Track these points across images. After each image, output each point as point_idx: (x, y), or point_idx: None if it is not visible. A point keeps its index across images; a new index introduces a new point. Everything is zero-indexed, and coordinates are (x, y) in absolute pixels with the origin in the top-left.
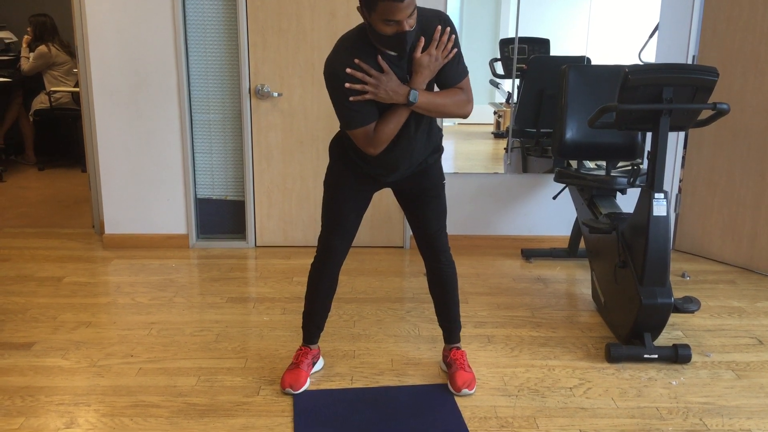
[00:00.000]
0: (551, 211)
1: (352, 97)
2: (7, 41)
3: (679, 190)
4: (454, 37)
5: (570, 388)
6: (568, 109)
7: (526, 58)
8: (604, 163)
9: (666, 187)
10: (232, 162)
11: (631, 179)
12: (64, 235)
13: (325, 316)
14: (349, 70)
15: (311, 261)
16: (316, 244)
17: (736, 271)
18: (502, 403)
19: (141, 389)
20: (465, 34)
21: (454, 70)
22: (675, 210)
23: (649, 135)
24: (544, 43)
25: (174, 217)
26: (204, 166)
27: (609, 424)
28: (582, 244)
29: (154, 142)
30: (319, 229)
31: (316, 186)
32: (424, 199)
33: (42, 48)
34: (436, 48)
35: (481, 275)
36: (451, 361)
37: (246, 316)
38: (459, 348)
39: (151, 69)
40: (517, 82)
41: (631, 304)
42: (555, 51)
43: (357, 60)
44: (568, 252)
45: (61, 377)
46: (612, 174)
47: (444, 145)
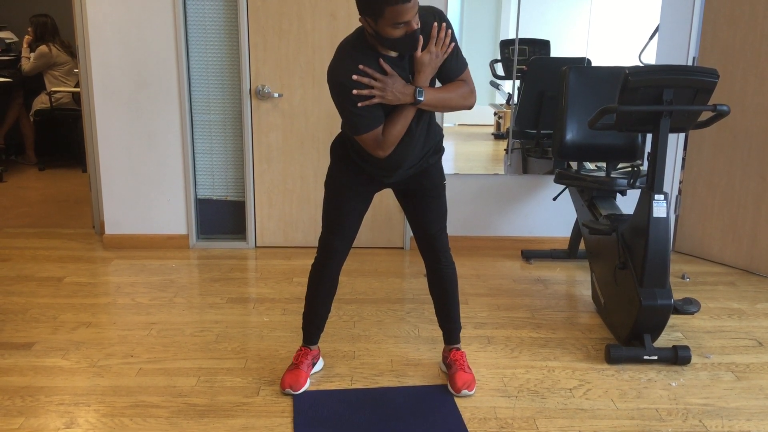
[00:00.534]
0: (551, 213)
1: (360, 103)
2: (7, 41)
3: (679, 191)
4: (450, 31)
5: (570, 390)
6: (568, 111)
7: (527, 59)
8: (604, 164)
9: (666, 188)
10: (232, 162)
11: (631, 181)
12: (64, 236)
13: (325, 317)
14: (355, 77)
15: (311, 262)
16: (316, 245)
17: (736, 273)
18: (501, 404)
19: (141, 389)
20: (465, 35)
21: (454, 64)
22: (675, 211)
23: (649, 136)
24: (545, 44)
25: (174, 217)
26: (204, 166)
27: (608, 426)
28: (582, 246)
29: (154, 143)
30: (319, 230)
31: (316, 187)
32: (425, 200)
33: (43, 48)
34: (435, 45)
35: (481, 276)
36: (451, 362)
37: (246, 316)
38: (459, 349)
39: (152, 69)
40: (517, 83)
41: (631, 306)
42: (555, 52)
43: (361, 66)
44: (568, 253)
45: (61, 377)
46: (612, 175)
47: (444, 146)
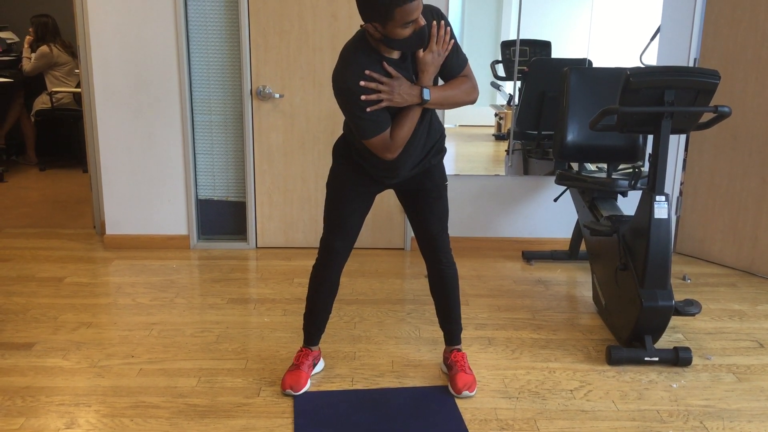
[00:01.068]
0: (552, 214)
1: (369, 108)
2: (8, 42)
3: (680, 192)
4: (449, 28)
5: (570, 391)
6: (569, 112)
7: (528, 60)
8: (605, 165)
9: (667, 189)
10: (233, 163)
11: (633, 182)
12: (65, 236)
13: (326, 318)
14: (362, 82)
15: (312, 262)
16: (317, 246)
17: (737, 274)
18: (502, 406)
19: (141, 390)
20: (466, 36)
21: (455, 61)
22: (676, 213)
23: (650, 138)
24: (546, 45)
25: (175, 217)
26: (205, 167)
27: (609, 427)
28: (583, 247)
29: (155, 143)
30: (320, 231)
31: (317, 187)
32: (427, 201)
33: (44, 48)
34: (437, 43)
35: (482, 277)
36: (451, 363)
37: (247, 317)
38: (460, 350)
39: (153, 70)
40: (518, 84)
41: (632, 307)
42: (556, 53)
43: (368, 71)
44: (569, 254)
45: (61, 378)
46: (613, 176)
47: (446, 147)
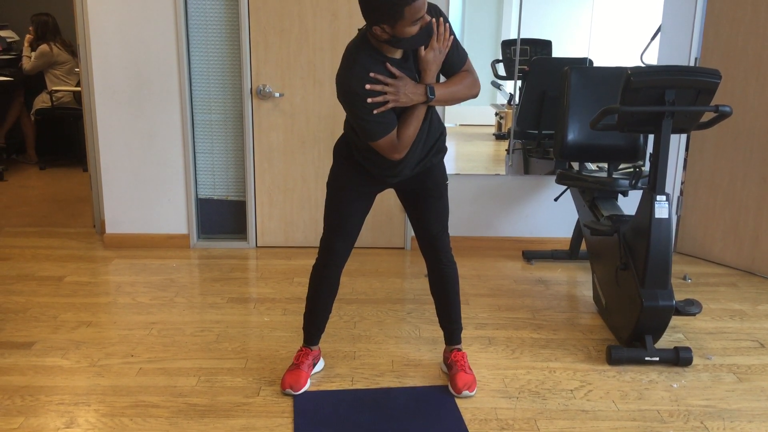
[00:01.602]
0: (553, 213)
1: (376, 111)
2: (8, 40)
3: (681, 192)
4: (448, 25)
5: (571, 391)
6: (569, 111)
7: (528, 59)
8: (605, 165)
9: (668, 189)
10: (233, 162)
11: (633, 181)
12: (64, 235)
13: (326, 317)
14: (368, 86)
15: (312, 262)
16: (317, 245)
17: (738, 274)
18: (502, 405)
19: (141, 389)
20: (467, 35)
21: (456, 56)
22: (677, 212)
23: (651, 137)
24: (546, 44)
25: (175, 217)
26: (205, 166)
27: (610, 427)
28: (583, 246)
29: (155, 142)
30: (320, 230)
31: (317, 187)
32: (427, 200)
33: (44, 47)
34: (437, 41)
35: (482, 277)
36: (451, 363)
37: (246, 316)
38: (460, 349)
39: (153, 69)
40: (518, 83)
41: (633, 307)
42: (557, 53)
43: (372, 74)
44: (570, 254)
45: (61, 377)
46: (614, 176)
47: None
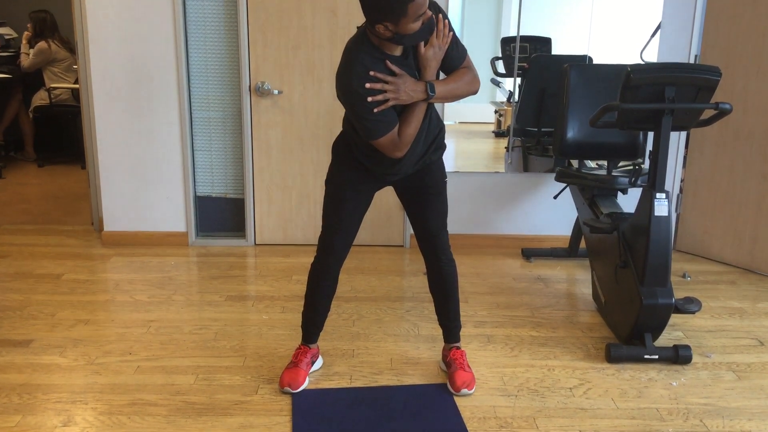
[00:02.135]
0: (552, 211)
1: (376, 109)
2: (7, 37)
3: (681, 190)
4: (447, 21)
5: (570, 389)
6: (569, 108)
7: (528, 56)
8: (605, 162)
9: (667, 186)
10: (231, 159)
11: (633, 179)
12: (63, 232)
13: (324, 315)
14: (368, 84)
15: (311, 259)
16: (315, 243)
17: (737, 272)
18: (501, 403)
19: (139, 387)
20: (466, 33)
21: (455, 53)
22: (676, 210)
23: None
24: (546, 41)
25: (173, 214)
26: (204, 163)
27: (609, 425)
28: (582, 244)
29: (153, 140)
30: (318, 228)
31: (316, 184)
32: (426, 197)
33: (42, 44)
34: (437, 38)
35: (482, 274)
36: (450, 361)
37: (245, 314)
38: (459, 347)
39: (151, 66)
40: (518, 80)
41: (632, 305)
42: (557, 50)
43: (372, 72)
44: (569, 252)
45: (58, 375)
46: (613, 174)
47: (446, 144)
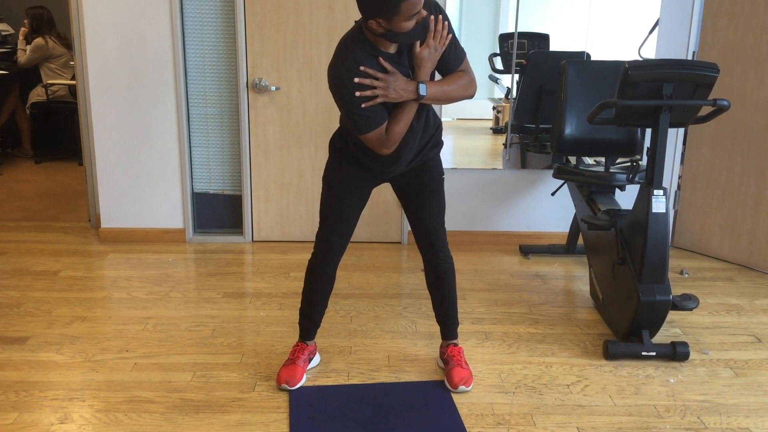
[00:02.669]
0: (550, 208)
1: (364, 104)
2: (3, 33)
3: (679, 186)
4: (447, 23)
5: (567, 386)
6: (567, 105)
7: (526, 53)
8: (603, 159)
9: (665, 183)
10: (229, 156)
11: (631, 176)
12: (60, 229)
13: (322, 312)
14: (357, 79)
15: (308, 256)
16: (313, 240)
17: (735, 269)
18: (499, 400)
19: (136, 384)
20: (464, 29)
21: (453, 55)
22: (674, 207)
23: (648, 131)
24: (544, 38)
25: (171, 211)
26: (201, 160)
27: (606, 422)
28: (580, 241)
29: (150, 136)
30: (316, 224)
31: (313, 181)
32: (424, 194)
33: (39, 40)
34: (434, 38)
35: (479, 271)
36: (448, 358)
37: (242, 311)
38: (456, 344)
39: (148, 62)
40: (516, 77)
41: (630, 301)
42: (555, 46)
43: (362, 67)
44: (567, 248)
45: (55, 372)
46: (611, 170)
47: (443, 140)
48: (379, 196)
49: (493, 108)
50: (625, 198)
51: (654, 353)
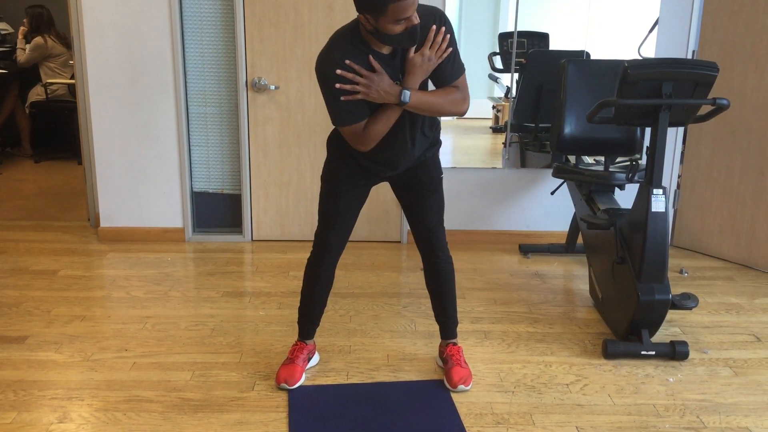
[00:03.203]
0: (549, 207)
1: (343, 97)
2: (3, 32)
3: (678, 185)
4: (449, 36)
5: (567, 385)
6: (566, 104)
7: (525, 52)
8: (602, 158)
9: (665, 182)
10: (228, 155)
11: (630, 175)
12: (59, 228)
13: (321, 311)
14: (339, 71)
15: (308, 255)
16: (312, 239)
17: (735, 268)
18: (498, 400)
19: (135, 384)
20: (464, 28)
21: (449, 69)
22: (673, 206)
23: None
24: (544, 37)
25: (170, 210)
26: (200, 159)
27: (606, 421)
28: (580, 240)
29: (150, 135)
30: (315, 223)
31: (313, 180)
32: (422, 194)
33: (38, 39)
34: (430, 48)
35: (479, 270)
36: (447, 357)
37: (241, 310)
38: (455, 343)
39: (148, 61)
40: (515, 76)
41: (629, 301)
42: (554, 45)
43: (348, 61)
44: (566, 248)
45: (54, 371)
46: (610, 169)
47: (442, 140)
48: (378, 195)
49: (493, 107)
50: (625, 197)
51: (653, 352)
